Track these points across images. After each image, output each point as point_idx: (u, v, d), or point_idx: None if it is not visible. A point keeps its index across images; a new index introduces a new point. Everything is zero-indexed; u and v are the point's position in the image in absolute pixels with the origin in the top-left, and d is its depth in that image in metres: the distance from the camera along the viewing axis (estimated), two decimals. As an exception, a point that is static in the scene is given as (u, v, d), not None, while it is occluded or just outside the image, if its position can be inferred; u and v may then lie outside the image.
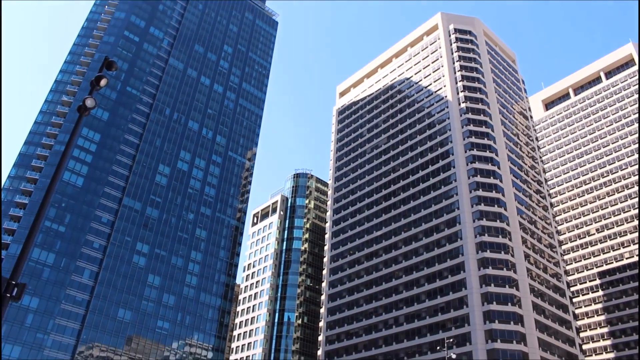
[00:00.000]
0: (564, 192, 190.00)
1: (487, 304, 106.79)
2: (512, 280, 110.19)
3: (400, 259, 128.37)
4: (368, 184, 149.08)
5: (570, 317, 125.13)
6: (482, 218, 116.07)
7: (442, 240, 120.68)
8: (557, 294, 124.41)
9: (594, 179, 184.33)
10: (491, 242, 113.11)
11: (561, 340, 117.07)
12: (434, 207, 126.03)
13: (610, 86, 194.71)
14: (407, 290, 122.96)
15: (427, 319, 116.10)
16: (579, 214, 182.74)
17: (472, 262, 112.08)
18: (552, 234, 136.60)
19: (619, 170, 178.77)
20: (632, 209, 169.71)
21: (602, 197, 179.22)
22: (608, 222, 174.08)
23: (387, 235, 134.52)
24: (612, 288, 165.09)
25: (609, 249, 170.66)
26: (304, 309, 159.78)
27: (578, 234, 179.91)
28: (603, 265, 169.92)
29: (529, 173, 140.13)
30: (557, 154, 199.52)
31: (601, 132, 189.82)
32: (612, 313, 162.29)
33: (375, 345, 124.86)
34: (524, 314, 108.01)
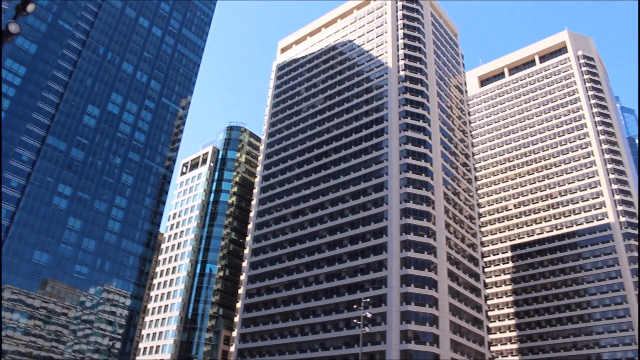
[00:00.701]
0: (488, 167, 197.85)
1: (405, 269, 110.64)
2: (431, 247, 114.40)
3: (325, 219, 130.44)
4: (301, 142, 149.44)
5: (480, 285, 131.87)
6: (408, 185, 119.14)
7: (368, 204, 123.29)
8: (472, 263, 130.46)
9: (517, 157, 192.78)
10: (415, 209, 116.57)
11: (470, 306, 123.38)
12: (363, 171, 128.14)
13: (542, 70, 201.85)
14: (329, 250, 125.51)
15: (346, 279, 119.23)
16: (500, 189, 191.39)
17: (395, 227, 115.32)
18: (473, 206, 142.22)
19: (541, 152, 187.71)
20: (547, 189, 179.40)
21: (523, 175, 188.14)
22: (525, 199, 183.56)
23: (315, 194, 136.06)
24: (521, 261, 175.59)
25: (523, 224, 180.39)
26: (227, 261, 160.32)
27: (497, 208, 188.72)
28: (516, 239, 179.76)
29: (458, 146, 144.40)
30: (487, 130, 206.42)
31: (529, 114, 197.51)
32: (518, 284, 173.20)
33: (294, 301, 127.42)
34: (439, 279, 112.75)
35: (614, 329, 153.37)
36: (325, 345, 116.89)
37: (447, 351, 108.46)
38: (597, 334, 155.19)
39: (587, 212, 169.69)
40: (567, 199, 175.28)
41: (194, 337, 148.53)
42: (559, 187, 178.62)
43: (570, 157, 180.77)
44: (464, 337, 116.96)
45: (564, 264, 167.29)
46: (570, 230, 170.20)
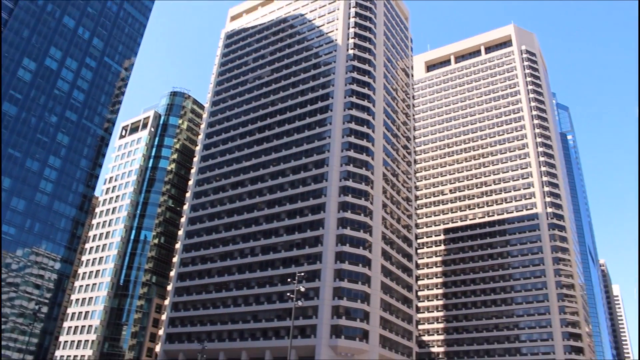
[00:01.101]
0: (428, 152, 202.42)
1: (341, 246, 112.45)
2: (367, 226, 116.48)
3: (265, 192, 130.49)
4: (245, 113, 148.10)
5: (412, 266, 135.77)
6: (349, 164, 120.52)
7: (308, 179, 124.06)
8: (406, 243, 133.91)
9: (456, 144, 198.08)
10: (354, 188, 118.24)
11: (401, 286, 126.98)
12: (305, 146, 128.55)
13: (487, 61, 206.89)
14: (267, 223, 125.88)
15: (282, 253, 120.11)
16: (437, 174, 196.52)
17: (333, 204, 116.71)
18: (410, 189, 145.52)
19: (479, 140, 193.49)
20: (482, 177, 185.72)
21: (460, 161, 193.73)
22: (460, 185, 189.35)
23: (256, 167, 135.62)
24: (452, 244, 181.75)
25: (457, 209, 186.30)
26: (163, 229, 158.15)
27: (433, 192, 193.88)
28: (449, 223, 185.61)
29: (400, 128, 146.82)
30: (429, 115, 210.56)
31: (471, 102, 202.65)
32: (448, 266, 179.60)
33: (229, 272, 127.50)
34: (373, 258, 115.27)
35: (533, 312, 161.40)
36: (258, 317, 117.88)
37: (377, 328, 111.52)
38: (518, 317, 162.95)
39: (518, 202, 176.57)
40: (500, 187, 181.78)
41: (124, 304, 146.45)
42: (493, 175, 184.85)
43: (506, 147, 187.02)
44: (394, 315, 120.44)
45: (492, 250, 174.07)
46: (501, 218, 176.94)
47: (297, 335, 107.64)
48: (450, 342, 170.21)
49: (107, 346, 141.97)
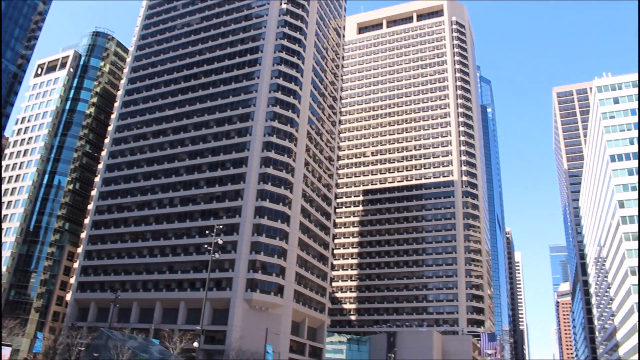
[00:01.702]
0: (353, 113, 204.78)
1: (261, 201, 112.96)
2: (288, 182, 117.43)
3: (187, 143, 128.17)
4: (171, 60, 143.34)
5: (330, 224, 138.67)
6: (274, 119, 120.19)
7: (231, 133, 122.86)
8: (325, 202, 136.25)
9: (381, 108, 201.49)
10: (277, 144, 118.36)
11: (318, 243, 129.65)
12: (231, 99, 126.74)
13: (418, 28, 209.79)
14: (187, 174, 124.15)
15: (201, 205, 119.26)
16: (361, 136, 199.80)
17: (256, 159, 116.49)
18: (333, 148, 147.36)
19: (404, 106, 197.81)
20: (404, 142, 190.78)
21: (384, 125, 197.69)
22: (382, 148, 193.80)
23: (179, 116, 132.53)
24: (370, 205, 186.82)
25: (377, 171, 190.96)
26: (78, 175, 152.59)
27: (355, 153, 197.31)
28: (369, 185, 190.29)
29: (328, 88, 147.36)
30: (357, 77, 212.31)
31: (399, 68, 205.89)
32: (365, 226, 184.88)
33: (146, 222, 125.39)
34: (292, 215, 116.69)
35: (441, 274, 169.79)
36: (174, 268, 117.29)
37: (292, 283, 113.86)
38: (427, 278, 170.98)
39: (436, 168, 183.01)
40: (420, 153, 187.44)
41: (34, 251, 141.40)
42: (414, 141, 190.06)
43: (429, 115, 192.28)
44: (309, 271, 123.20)
45: (408, 213, 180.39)
46: (419, 183, 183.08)
47: (212, 288, 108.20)
48: (362, 300, 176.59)
49: (13, 294, 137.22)
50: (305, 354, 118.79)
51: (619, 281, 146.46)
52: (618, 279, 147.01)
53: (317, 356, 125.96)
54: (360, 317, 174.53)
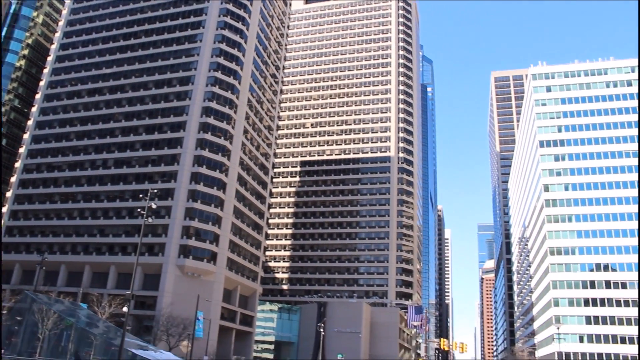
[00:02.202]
0: (295, 84, 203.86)
1: (198, 167, 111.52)
2: (226, 149, 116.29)
3: (123, 103, 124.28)
4: (110, 17, 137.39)
5: (266, 194, 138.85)
6: (215, 85, 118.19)
7: (170, 96, 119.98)
8: (262, 171, 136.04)
9: (323, 80, 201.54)
10: (217, 110, 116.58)
11: (253, 212, 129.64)
12: (172, 61, 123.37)
13: (365, 2, 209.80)
14: (123, 136, 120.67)
15: (136, 168, 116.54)
16: (301, 107, 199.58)
17: (194, 125, 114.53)
18: (273, 118, 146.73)
19: (346, 79, 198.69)
20: (344, 115, 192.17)
21: (325, 97, 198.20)
22: (322, 120, 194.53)
23: (117, 75, 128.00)
24: (307, 177, 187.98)
25: (315, 143, 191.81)
26: (5, 130, 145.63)
27: (295, 124, 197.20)
28: (307, 156, 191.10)
29: (271, 56, 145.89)
30: (301, 47, 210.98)
31: (343, 41, 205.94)
32: (301, 197, 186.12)
33: (78, 183, 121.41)
34: (228, 182, 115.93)
35: (373, 247, 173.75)
36: (105, 231, 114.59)
37: (225, 251, 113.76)
38: (360, 251, 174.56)
39: (374, 143, 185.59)
40: (360, 127, 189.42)
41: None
42: (354, 115, 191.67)
43: (370, 90, 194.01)
44: (243, 239, 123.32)
45: (344, 186, 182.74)
46: (356, 157, 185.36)
47: (144, 253, 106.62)
48: (295, 270, 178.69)
49: None
50: (236, 321, 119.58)
51: (538, 260, 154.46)
52: (538, 258, 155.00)
53: (248, 324, 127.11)
54: (293, 286, 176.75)
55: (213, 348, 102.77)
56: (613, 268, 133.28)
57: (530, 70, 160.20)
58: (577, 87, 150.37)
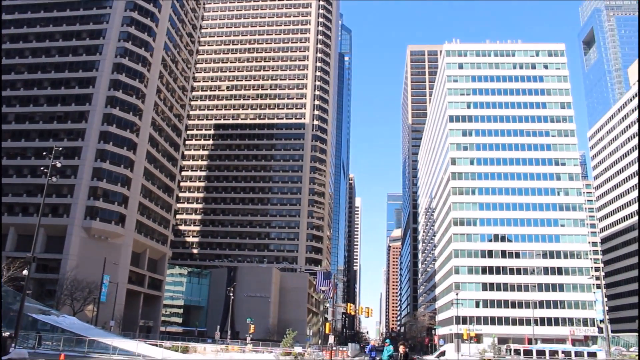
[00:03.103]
0: (212, 45, 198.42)
1: (107, 125, 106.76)
2: (138, 109, 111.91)
3: (27, 54, 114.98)
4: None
5: (178, 156, 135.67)
6: (128, 41, 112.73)
7: (79, 49, 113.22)
8: (175, 133, 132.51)
9: (241, 42, 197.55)
10: (129, 67, 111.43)
11: (165, 174, 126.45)
12: (82, 12, 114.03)
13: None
14: (25, 89, 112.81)
15: (40, 124, 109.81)
16: (217, 69, 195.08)
17: (104, 81, 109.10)
18: (188, 78, 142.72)
19: (264, 43, 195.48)
20: (261, 79, 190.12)
21: (242, 61, 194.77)
22: (239, 84, 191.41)
23: (19, 23, 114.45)
24: (221, 140, 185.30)
25: (230, 107, 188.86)
26: None
27: (210, 86, 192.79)
28: (221, 120, 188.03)
29: (188, 15, 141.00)
30: (220, 8, 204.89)
31: (264, 4, 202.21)
32: (214, 161, 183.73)
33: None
34: (139, 142, 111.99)
35: (285, 213, 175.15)
36: (4, 191, 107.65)
37: (135, 213, 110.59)
38: (271, 216, 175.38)
39: (289, 110, 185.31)
40: (276, 93, 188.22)
41: None
42: (271, 80, 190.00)
43: (288, 56, 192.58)
44: (154, 202, 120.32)
45: (258, 151, 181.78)
46: (271, 122, 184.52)
47: (48, 214, 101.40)
48: (206, 234, 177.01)
49: None
50: (144, 285, 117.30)
51: (442, 230, 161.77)
52: (442, 228, 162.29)
53: (157, 288, 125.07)
54: (203, 250, 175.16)
55: (120, 312, 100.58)
56: (509, 239, 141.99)
57: (444, 47, 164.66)
58: (487, 66, 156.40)
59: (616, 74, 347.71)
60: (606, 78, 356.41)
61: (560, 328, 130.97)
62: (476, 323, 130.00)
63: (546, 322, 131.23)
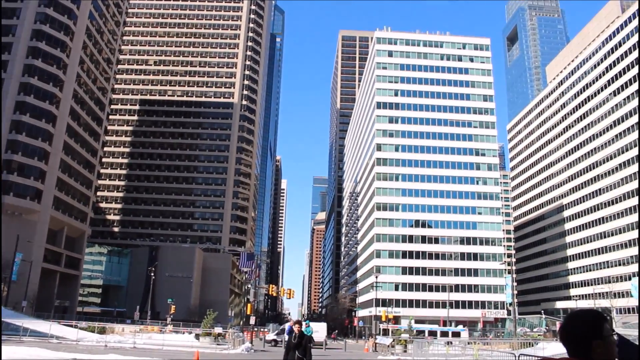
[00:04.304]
0: (141, 17, 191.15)
1: (24, 95, 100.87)
2: (58, 79, 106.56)
3: None
4: None
5: (101, 131, 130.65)
6: (49, 6, 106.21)
7: None
8: (98, 106, 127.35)
9: (171, 17, 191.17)
10: (50, 35, 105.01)
11: (86, 149, 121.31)
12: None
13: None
14: None
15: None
16: (145, 42, 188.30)
17: (22, 48, 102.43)
18: (114, 50, 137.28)
19: (195, 19, 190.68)
20: (190, 56, 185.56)
21: (171, 35, 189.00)
22: (167, 59, 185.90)
23: None
24: (147, 116, 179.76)
25: (157, 82, 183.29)
26: None
27: (137, 60, 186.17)
28: (147, 95, 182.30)
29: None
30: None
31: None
32: (138, 137, 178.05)
33: None
34: (59, 115, 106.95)
35: (210, 193, 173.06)
36: None
37: (52, 189, 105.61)
38: (196, 196, 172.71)
39: (218, 88, 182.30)
40: (205, 70, 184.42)
41: None
42: (201, 57, 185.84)
43: (219, 33, 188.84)
44: (73, 178, 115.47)
45: (184, 129, 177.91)
46: (199, 100, 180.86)
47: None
48: (128, 212, 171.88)
49: None
50: (61, 264, 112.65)
51: (366, 214, 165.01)
52: (366, 213, 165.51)
53: (75, 267, 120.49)
54: (125, 229, 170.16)
55: (34, 292, 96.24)
56: (429, 225, 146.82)
57: (375, 34, 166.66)
58: (415, 55, 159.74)
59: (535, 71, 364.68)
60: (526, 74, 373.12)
61: (473, 311, 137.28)
62: (395, 305, 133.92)
63: (460, 305, 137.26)
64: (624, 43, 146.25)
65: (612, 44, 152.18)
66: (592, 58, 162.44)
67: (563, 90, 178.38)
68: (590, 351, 3.48)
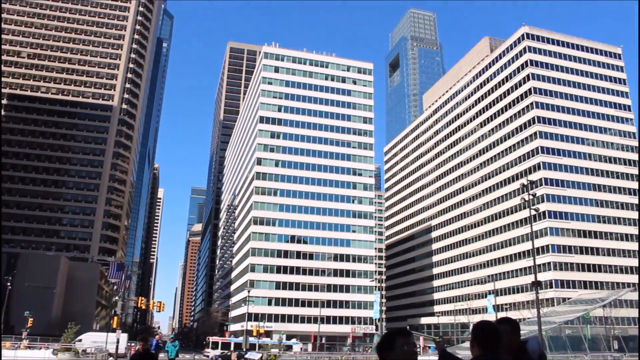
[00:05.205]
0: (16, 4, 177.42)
1: None
2: None
3: None
4: None
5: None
6: None
7: None
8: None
9: (51, 9, 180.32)
10: None
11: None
12: None
13: None
14: None
15: None
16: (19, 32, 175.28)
17: None
18: None
19: (77, 14, 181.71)
20: (69, 52, 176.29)
21: (50, 28, 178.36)
22: (43, 53, 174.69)
23: None
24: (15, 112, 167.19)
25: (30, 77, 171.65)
26: None
27: (8, 51, 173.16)
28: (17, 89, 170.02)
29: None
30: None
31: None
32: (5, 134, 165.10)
33: None
34: None
35: (81, 199, 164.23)
36: None
37: None
38: (65, 201, 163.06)
39: (97, 89, 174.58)
40: (84, 70, 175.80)
41: None
42: (81, 55, 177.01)
43: (104, 32, 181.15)
44: None
45: (57, 129, 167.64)
46: (75, 100, 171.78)
47: None
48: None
49: None
50: None
51: (242, 228, 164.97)
52: (242, 226, 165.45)
53: None
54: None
55: None
56: (305, 241, 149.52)
57: (264, 49, 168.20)
58: (301, 73, 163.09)
59: (413, 98, 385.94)
60: (405, 100, 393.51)
61: (344, 326, 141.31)
62: (267, 320, 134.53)
63: (331, 321, 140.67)
64: (491, 80, 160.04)
65: (481, 79, 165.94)
66: (463, 91, 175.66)
67: (437, 119, 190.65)
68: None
